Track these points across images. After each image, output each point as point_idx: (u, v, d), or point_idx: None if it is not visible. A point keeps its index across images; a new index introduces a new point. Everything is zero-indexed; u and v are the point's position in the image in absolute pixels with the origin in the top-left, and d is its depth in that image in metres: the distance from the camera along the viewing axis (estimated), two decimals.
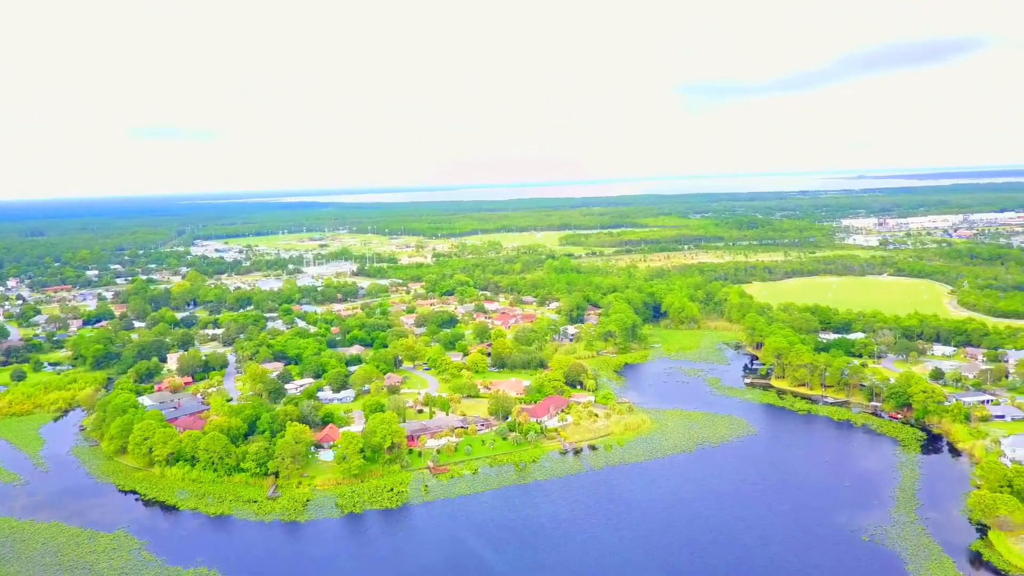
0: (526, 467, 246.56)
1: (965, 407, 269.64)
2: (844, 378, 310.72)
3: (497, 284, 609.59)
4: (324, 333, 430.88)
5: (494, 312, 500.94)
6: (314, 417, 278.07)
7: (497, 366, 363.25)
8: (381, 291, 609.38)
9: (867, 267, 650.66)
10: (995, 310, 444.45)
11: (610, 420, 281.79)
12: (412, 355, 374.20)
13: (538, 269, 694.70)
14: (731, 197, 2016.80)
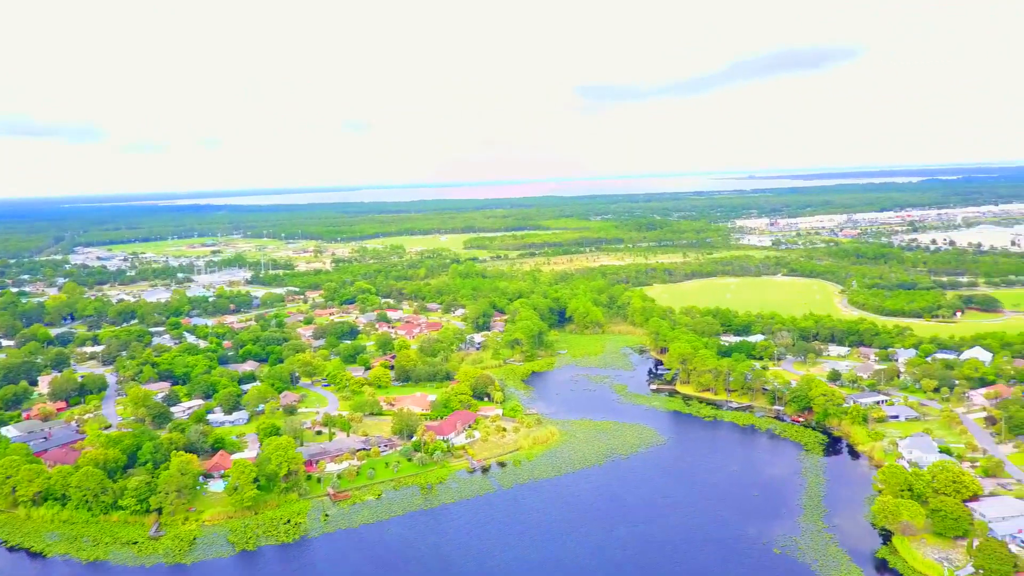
0: (432, 489, 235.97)
1: (863, 409, 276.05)
2: (748, 382, 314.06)
3: (400, 291, 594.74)
4: (215, 348, 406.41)
5: (398, 321, 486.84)
6: (203, 444, 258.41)
7: (401, 380, 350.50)
8: (277, 301, 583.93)
9: (762, 267, 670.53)
10: (883, 309, 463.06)
11: (519, 434, 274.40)
12: (310, 371, 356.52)
13: (443, 274, 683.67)
14: (629, 198, 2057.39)
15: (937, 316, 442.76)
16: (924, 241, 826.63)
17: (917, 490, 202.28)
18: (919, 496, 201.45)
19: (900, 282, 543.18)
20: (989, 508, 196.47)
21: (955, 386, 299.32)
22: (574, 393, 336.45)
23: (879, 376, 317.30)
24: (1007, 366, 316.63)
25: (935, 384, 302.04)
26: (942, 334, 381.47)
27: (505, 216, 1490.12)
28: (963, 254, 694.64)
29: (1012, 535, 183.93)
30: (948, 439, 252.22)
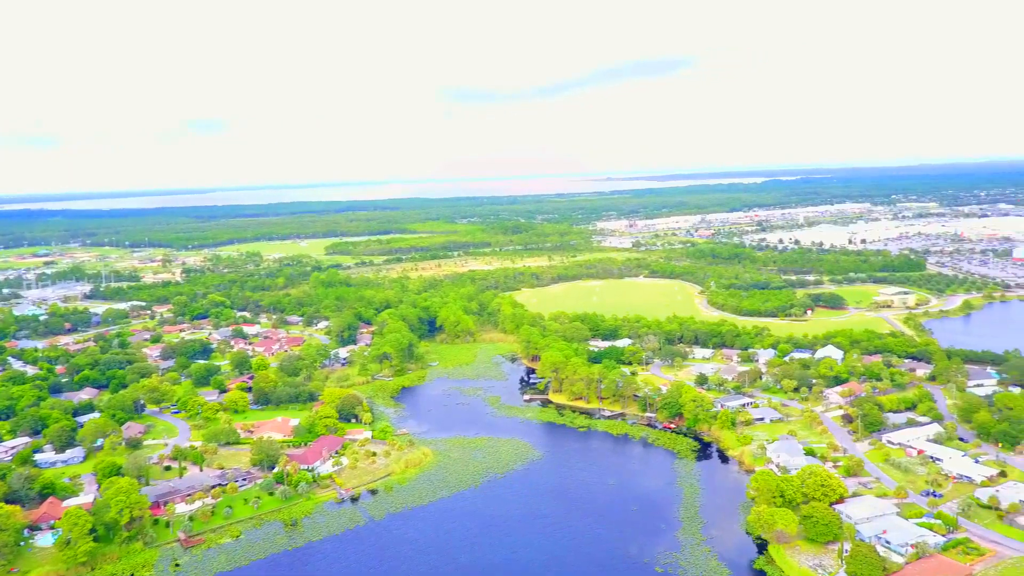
0: (298, 525, 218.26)
1: (731, 413, 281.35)
2: (619, 390, 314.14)
3: (258, 303, 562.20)
4: (46, 376, 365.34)
5: (255, 337, 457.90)
6: (28, 491, 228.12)
7: (261, 403, 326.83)
8: (120, 317, 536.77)
9: (625, 269, 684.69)
10: (741, 309, 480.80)
11: (390, 458, 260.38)
12: (157, 396, 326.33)
13: (304, 283, 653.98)
14: (494, 200, 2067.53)
15: (790, 315, 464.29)
16: (772, 241, 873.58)
17: (788, 496, 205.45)
18: (790, 502, 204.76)
19: (754, 282, 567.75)
20: (855, 509, 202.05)
21: (813, 385, 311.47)
22: (447, 408, 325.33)
23: (743, 378, 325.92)
24: (857, 363, 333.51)
25: (795, 384, 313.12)
26: (796, 333, 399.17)
27: (369, 219, 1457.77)
28: (808, 253, 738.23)
29: (877, 536, 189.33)
30: (811, 439, 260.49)
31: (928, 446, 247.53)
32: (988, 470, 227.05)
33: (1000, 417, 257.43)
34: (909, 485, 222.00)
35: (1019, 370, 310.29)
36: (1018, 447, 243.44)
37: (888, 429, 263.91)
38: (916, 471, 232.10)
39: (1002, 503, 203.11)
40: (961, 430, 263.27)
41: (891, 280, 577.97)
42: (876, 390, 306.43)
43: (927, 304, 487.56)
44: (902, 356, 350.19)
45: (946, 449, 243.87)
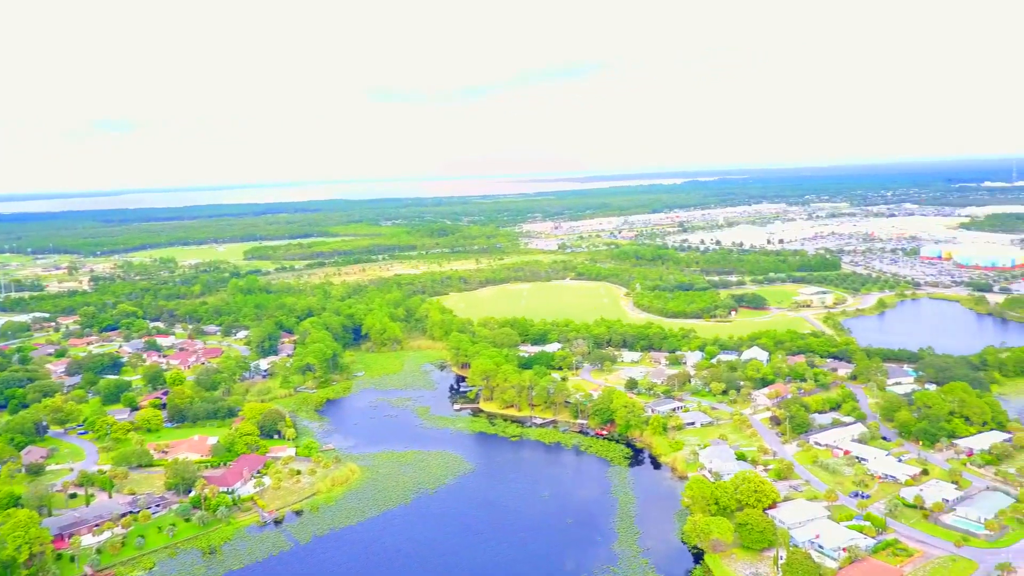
0: (217, 553, 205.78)
1: (662, 418, 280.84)
2: (550, 397, 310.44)
3: (173, 312, 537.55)
4: None
5: (170, 349, 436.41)
6: None
7: (176, 420, 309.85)
8: (21, 330, 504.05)
9: (552, 272, 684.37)
10: (666, 311, 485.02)
11: (315, 476, 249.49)
12: (62, 417, 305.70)
13: (221, 291, 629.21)
14: (418, 202, 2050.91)
15: (715, 316, 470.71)
16: (694, 241, 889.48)
17: (723, 503, 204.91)
18: (724, 509, 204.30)
19: (679, 283, 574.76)
20: (788, 514, 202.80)
21: (741, 388, 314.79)
22: (374, 421, 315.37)
23: (673, 382, 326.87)
24: (783, 364, 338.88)
25: (723, 387, 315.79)
26: (722, 334, 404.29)
27: (290, 222, 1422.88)
28: (729, 254, 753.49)
29: (811, 541, 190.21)
30: (741, 443, 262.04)
31: (854, 446, 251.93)
32: (911, 469, 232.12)
33: (919, 415, 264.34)
34: (838, 486, 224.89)
35: (934, 368, 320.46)
36: (937, 445, 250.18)
37: (815, 430, 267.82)
38: (843, 472, 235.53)
39: (926, 502, 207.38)
40: (884, 429, 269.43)
41: (809, 280, 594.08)
42: (801, 391, 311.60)
43: (844, 303, 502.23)
44: (824, 356, 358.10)
45: (871, 449, 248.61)
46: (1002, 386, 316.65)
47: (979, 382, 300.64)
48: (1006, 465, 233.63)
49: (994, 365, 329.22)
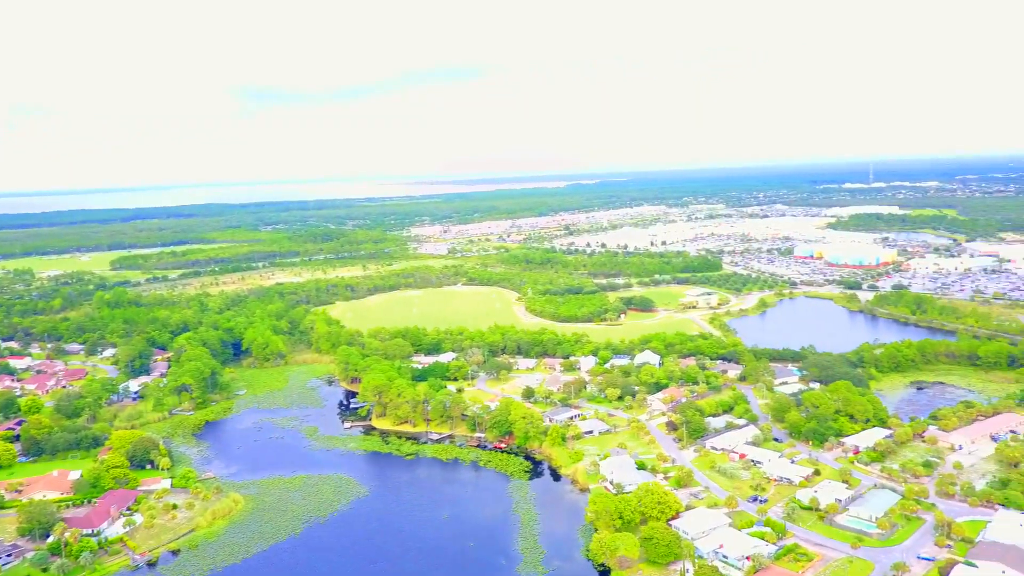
0: None
1: (561, 427, 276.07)
2: (446, 410, 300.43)
3: (29, 330, 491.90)
4: None
5: (26, 372, 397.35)
6: None
7: (32, 454, 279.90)
8: None
9: (443, 278, 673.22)
10: (559, 316, 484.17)
11: (193, 510, 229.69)
12: None
13: (85, 305, 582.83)
14: (301, 206, 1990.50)
15: (606, 319, 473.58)
16: (580, 244, 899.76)
17: (627, 517, 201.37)
18: (629, 523, 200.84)
19: (569, 287, 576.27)
20: (691, 525, 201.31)
21: (636, 393, 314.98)
22: (258, 444, 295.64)
23: (569, 389, 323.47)
24: (675, 368, 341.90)
25: (619, 392, 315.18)
26: (614, 338, 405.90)
27: (162, 228, 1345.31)
28: (615, 256, 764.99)
29: (715, 551, 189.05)
30: (640, 451, 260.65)
31: (749, 450, 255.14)
32: (804, 470, 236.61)
33: (808, 416, 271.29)
34: (736, 491, 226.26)
35: (817, 366, 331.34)
36: (826, 444, 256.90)
37: (711, 435, 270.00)
38: (741, 476, 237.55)
39: (821, 503, 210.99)
40: (776, 430, 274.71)
41: (693, 281, 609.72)
42: (695, 394, 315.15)
43: (728, 304, 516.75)
44: (714, 358, 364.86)
45: (765, 451, 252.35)
46: (879, 382, 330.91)
47: (859, 379, 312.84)
48: (890, 461, 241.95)
49: (870, 361, 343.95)
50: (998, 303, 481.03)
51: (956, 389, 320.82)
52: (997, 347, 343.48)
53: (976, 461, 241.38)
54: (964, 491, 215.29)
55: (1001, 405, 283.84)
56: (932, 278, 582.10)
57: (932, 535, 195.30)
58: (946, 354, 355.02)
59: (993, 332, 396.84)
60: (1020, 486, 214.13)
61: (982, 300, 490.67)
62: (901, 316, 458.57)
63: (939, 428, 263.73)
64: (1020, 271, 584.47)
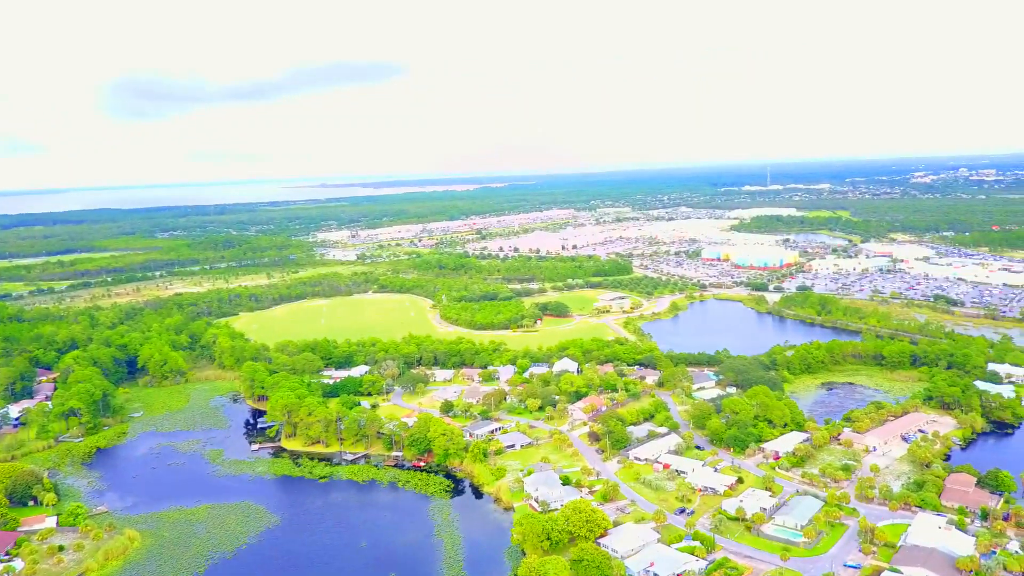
0: None
1: (482, 443, 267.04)
2: (361, 429, 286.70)
3: None
4: None
5: None
6: None
7: None
8: None
9: (353, 285, 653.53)
10: (475, 323, 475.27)
11: (84, 551, 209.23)
12: None
13: None
14: (199, 210, 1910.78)
15: (522, 326, 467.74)
16: (493, 248, 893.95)
17: (554, 538, 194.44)
18: (556, 544, 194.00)
19: (484, 293, 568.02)
20: (620, 542, 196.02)
21: (557, 402, 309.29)
22: (157, 472, 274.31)
23: (489, 401, 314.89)
24: (594, 376, 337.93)
25: (539, 403, 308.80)
26: (532, 345, 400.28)
27: (47, 236, 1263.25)
28: (528, 261, 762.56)
29: (646, 570, 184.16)
30: (563, 464, 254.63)
31: (672, 459, 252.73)
32: (728, 478, 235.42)
33: (728, 422, 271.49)
34: (663, 504, 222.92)
35: (733, 370, 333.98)
36: (748, 450, 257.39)
37: (633, 444, 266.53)
38: (666, 487, 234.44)
39: (747, 513, 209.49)
40: (697, 437, 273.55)
41: (605, 285, 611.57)
42: (615, 402, 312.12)
43: (641, 307, 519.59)
44: (631, 364, 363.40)
45: (688, 460, 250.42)
46: (791, 384, 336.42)
47: (774, 383, 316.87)
48: (810, 466, 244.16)
49: (782, 364, 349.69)
50: (896, 302, 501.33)
51: (865, 389, 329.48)
52: (900, 347, 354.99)
53: (890, 462, 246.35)
54: (883, 494, 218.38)
55: (908, 405, 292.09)
56: (833, 278, 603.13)
57: (856, 541, 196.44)
58: (853, 355, 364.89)
59: (894, 331, 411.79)
60: (935, 487, 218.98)
61: (881, 300, 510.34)
62: (807, 317, 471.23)
63: (853, 430, 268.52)
64: (913, 271, 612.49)
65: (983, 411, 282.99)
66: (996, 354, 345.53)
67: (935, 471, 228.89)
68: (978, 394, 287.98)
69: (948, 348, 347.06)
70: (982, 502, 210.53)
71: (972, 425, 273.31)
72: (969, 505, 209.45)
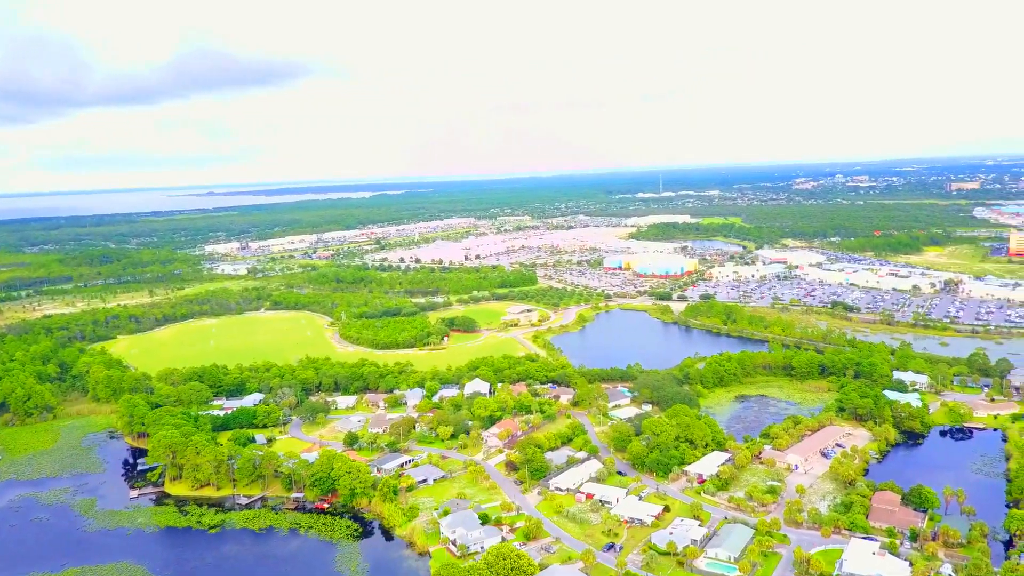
0: None
1: (390, 478, 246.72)
2: (257, 469, 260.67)
3: None
4: None
5: None
6: None
7: None
8: None
9: (244, 302, 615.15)
10: (378, 342, 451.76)
11: None
12: None
13: None
14: (74, 221, 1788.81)
15: (428, 344, 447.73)
16: (394, 260, 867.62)
17: None
18: None
19: (385, 308, 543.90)
20: None
21: (470, 429, 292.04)
22: (15, 530, 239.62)
23: (397, 431, 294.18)
24: (508, 397, 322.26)
25: (451, 430, 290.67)
26: (440, 365, 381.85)
27: None
28: (432, 272, 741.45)
29: None
30: (481, 499, 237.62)
31: (594, 488, 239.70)
32: (654, 508, 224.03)
33: (649, 444, 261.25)
34: (588, 539, 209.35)
35: (648, 387, 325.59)
36: (671, 475, 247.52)
37: (553, 473, 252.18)
38: (591, 520, 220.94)
39: (678, 547, 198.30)
40: (619, 463, 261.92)
41: (511, 296, 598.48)
42: (531, 425, 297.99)
43: (548, 320, 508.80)
44: (544, 382, 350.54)
45: (612, 489, 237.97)
46: (706, 398, 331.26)
47: (690, 399, 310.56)
48: (735, 488, 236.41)
49: (695, 377, 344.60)
50: (796, 309, 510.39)
51: (778, 402, 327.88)
52: (809, 357, 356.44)
53: (814, 481, 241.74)
54: (812, 518, 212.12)
55: (823, 418, 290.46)
56: (733, 286, 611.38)
57: (792, 571, 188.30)
58: (763, 366, 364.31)
59: (799, 340, 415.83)
60: (862, 508, 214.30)
61: (782, 307, 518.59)
62: (713, 327, 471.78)
63: (774, 447, 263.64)
64: (808, 277, 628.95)
65: (894, 422, 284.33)
66: (898, 361, 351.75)
67: (860, 490, 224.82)
68: (889, 405, 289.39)
69: (854, 357, 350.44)
70: (909, 521, 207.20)
71: (886, 437, 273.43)
72: (897, 525, 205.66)
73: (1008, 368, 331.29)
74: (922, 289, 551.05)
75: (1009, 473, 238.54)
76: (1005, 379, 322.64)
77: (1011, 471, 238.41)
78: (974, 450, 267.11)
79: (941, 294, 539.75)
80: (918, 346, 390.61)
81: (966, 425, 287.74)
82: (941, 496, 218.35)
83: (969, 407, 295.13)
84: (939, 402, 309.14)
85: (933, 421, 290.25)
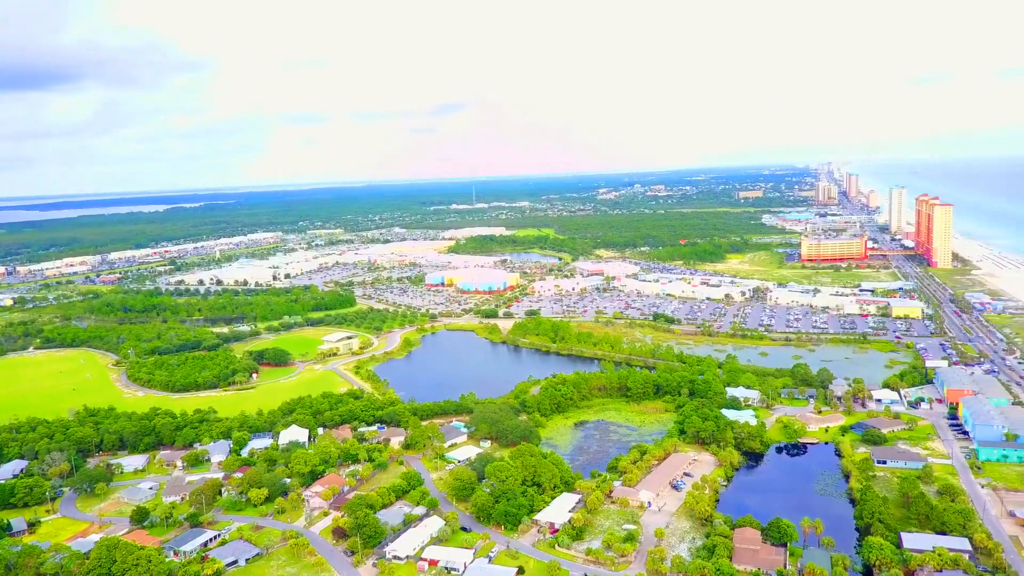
0: None
1: (191, 564, 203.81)
2: (12, 570, 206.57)
3: None
4: None
5: None
6: None
7: None
8: None
9: (6, 341, 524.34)
10: (174, 384, 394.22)
11: None
12: None
13: None
14: None
15: (234, 383, 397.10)
16: (192, 282, 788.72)
17: None
18: None
19: (182, 342, 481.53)
20: None
21: (288, 489, 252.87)
22: None
23: (199, 499, 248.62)
24: (329, 444, 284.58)
25: (266, 492, 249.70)
26: (249, 409, 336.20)
27: None
28: (235, 296, 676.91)
29: None
30: None
31: (438, 552, 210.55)
32: (507, 571, 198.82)
33: (494, 492, 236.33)
34: None
35: (486, 420, 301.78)
36: (521, 527, 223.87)
37: (389, 537, 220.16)
38: None
39: None
40: (461, 515, 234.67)
41: (327, 321, 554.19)
42: (359, 478, 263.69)
43: (371, 346, 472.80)
44: (371, 423, 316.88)
45: (458, 552, 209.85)
46: (545, 428, 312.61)
47: (530, 431, 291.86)
48: (590, 537, 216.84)
49: (532, 405, 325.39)
50: (619, 323, 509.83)
51: (618, 427, 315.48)
52: (643, 376, 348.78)
53: (669, 520, 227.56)
54: (676, 567, 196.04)
55: (667, 444, 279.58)
56: (555, 300, 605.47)
57: None
58: (599, 387, 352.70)
59: (628, 357, 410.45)
60: (725, 550, 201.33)
61: (606, 321, 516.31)
62: (543, 345, 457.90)
63: (623, 484, 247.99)
64: (626, 288, 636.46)
65: (736, 443, 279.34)
66: (728, 377, 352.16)
67: (720, 529, 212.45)
68: (730, 426, 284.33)
69: (687, 374, 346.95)
70: (773, 561, 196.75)
71: (730, 461, 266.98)
72: (762, 566, 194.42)
73: (830, 378, 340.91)
74: (734, 298, 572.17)
75: (852, 492, 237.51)
76: (828, 389, 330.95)
77: (853, 490, 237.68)
78: (813, 468, 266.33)
79: (752, 302, 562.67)
80: (742, 357, 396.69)
81: (800, 441, 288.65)
82: (800, 529, 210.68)
83: (802, 421, 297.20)
84: (773, 418, 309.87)
85: (770, 439, 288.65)
